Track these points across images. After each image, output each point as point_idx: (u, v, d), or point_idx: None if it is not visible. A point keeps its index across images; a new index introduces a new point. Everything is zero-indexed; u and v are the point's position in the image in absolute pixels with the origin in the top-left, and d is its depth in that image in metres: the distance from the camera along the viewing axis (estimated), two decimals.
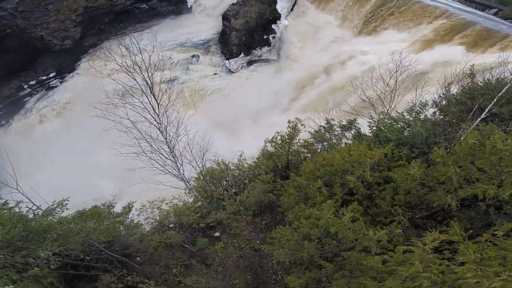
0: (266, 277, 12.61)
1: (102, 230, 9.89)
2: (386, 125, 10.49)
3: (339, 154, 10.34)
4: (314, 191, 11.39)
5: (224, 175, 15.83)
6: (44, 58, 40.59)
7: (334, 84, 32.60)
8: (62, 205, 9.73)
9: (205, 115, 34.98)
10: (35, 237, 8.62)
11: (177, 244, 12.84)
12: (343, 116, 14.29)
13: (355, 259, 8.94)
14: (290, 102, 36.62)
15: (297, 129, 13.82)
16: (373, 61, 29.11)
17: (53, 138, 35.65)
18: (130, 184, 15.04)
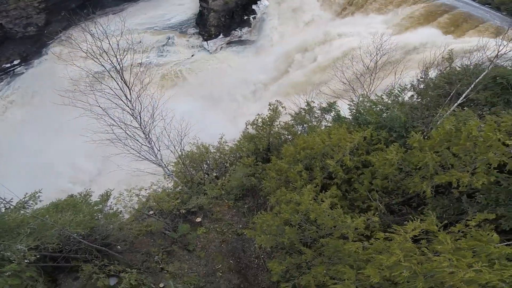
0: (248, 261, 12.76)
1: (79, 221, 9.62)
2: (366, 108, 10.43)
3: (319, 137, 10.30)
4: (295, 174, 11.39)
5: (204, 158, 15.64)
6: (7, 46, 39.71)
7: (314, 66, 32.32)
8: (35, 197, 9.45)
9: (183, 97, 34.21)
10: (8, 233, 8.36)
11: (158, 231, 12.75)
12: (323, 98, 14.18)
13: (333, 246, 9.04)
14: (269, 83, 36.20)
15: (278, 111, 13.70)
16: (354, 42, 28.92)
17: (20, 127, 34.66)
18: (106, 171, 14.61)
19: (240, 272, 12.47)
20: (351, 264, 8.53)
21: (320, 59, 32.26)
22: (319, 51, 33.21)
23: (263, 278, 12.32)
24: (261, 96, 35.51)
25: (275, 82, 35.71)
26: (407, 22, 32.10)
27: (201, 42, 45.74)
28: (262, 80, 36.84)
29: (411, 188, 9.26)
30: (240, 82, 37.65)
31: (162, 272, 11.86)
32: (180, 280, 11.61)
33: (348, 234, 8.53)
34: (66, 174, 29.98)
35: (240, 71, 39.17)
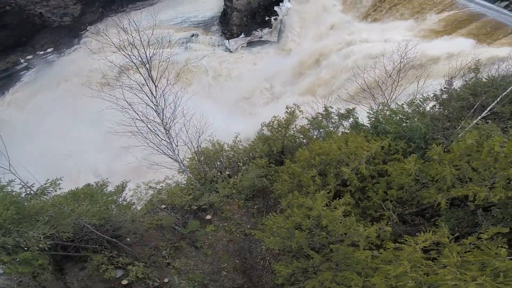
0: (254, 262, 12.76)
1: (95, 212, 9.77)
2: (386, 116, 10.28)
3: (336, 144, 10.20)
4: (308, 179, 11.34)
5: (219, 156, 15.72)
6: (43, 34, 41.35)
7: (334, 70, 31.94)
8: (55, 184, 9.60)
9: (202, 94, 34.53)
10: (27, 220, 8.53)
11: (168, 226, 12.87)
12: (342, 104, 14.04)
13: (342, 253, 9.03)
14: (286, 85, 36.05)
15: (295, 115, 13.63)
16: (376, 48, 28.45)
17: (47, 112, 35.46)
18: (124, 162, 14.95)
19: (245, 272, 12.48)
20: (359, 271, 8.56)
21: (340, 64, 31.87)
22: (339, 55, 32.79)
23: (267, 280, 12.32)
24: (277, 97, 35.39)
25: (292, 84, 35.53)
26: (433, 30, 31.11)
27: (222, 41, 46.14)
28: (280, 81, 36.73)
29: (426, 199, 9.17)
30: (257, 82, 37.64)
31: (168, 267, 11.97)
32: (184, 277, 11.69)
33: (359, 242, 8.49)
34: (84, 162, 30.64)
35: (258, 71, 39.18)
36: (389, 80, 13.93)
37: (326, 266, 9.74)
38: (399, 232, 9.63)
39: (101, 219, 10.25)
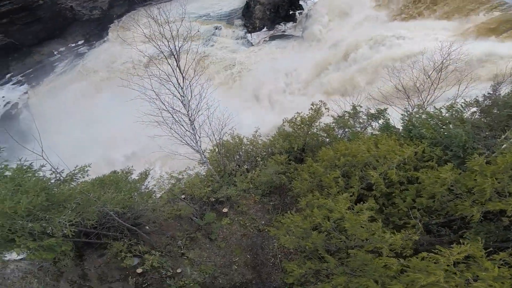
0: (265, 259, 12.53)
1: (119, 200, 9.75)
2: (422, 120, 9.66)
3: (365, 145, 9.66)
4: (330, 180, 10.90)
5: (238, 149, 15.41)
6: (74, 27, 43.76)
7: (363, 68, 30.78)
8: (84, 171, 9.63)
9: (223, 87, 34.35)
10: (55, 207, 8.49)
11: (186, 216, 12.77)
12: (371, 103, 13.40)
13: (361, 259, 8.64)
14: (309, 80, 35.14)
15: (320, 112, 13.10)
16: (411, 48, 27.13)
17: (77, 101, 37.30)
18: (148, 151, 15.11)
19: (255, 268, 12.30)
20: (376, 279, 8.27)
21: (370, 61, 30.74)
22: (370, 51, 31.57)
23: (276, 277, 12.12)
24: (300, 93, 34.66)
25: (315, 79, 34.61)
26: (479, 30, 29.04)
27: (245, 34, 45.75)
28: (302, 76, 35.89)
29: (459, 211, 8.64)
30: (279, 77, 37.00)
31: (182, 258, 11.90)
32: (197, 268, 11.57)
33: (381, 249, 8.13)
34: (110, 150, 31.63)
35: (280, 65, 38.43)
36: (427, 82, 13.15)
37: (340, 270, 9.40)
38: (421, 241, 9.28)
39: (125, 207, 10.22)
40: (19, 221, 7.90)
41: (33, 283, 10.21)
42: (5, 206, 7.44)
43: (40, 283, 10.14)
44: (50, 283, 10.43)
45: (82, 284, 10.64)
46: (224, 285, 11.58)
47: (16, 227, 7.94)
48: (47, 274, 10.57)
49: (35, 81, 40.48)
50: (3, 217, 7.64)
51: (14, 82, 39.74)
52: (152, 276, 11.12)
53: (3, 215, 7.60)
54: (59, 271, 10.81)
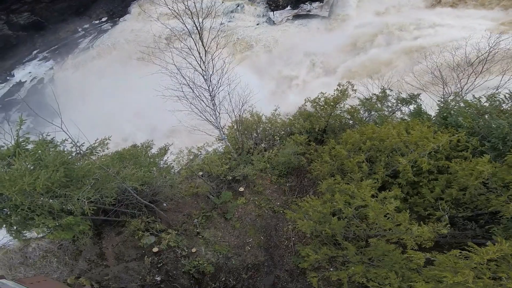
0: (278, 241, 12.38)
1: (139, 176, 9.59)
2: (460, 108, 9.04)
3: (395, 130, 9.13)
4: (353, 165, 10.50)
5: (256, 127, 15.02)
6: (98, 4, 44.93)
7: (395, 52, 29.20)
8: (104, 144, 9.49)
9: (243, 65, 33.58)
10: (74, 183, 8.35)
11: (203, 194, 12.61)
12: (402, 88, 12.70)
13: (382, 249, 8.44)
14: (334, 64, 33.76)
15: (346, 93, 12.49)
16: (449, 35, 25.53)
17: (100, 76, 37.87)
18: (168, 126, 14.98)
19: (267, 250, 12.17)
20: (396, 270, 8.15)
21: (400, 45, 29.24)
22: (401, 36, 29.93)
23: (288, 260, 12.00)
24: (321, 74, 33.55)
25: (340, 62, 33.32)
26: None
27: (267, 12, 44.29)
28: (325, 58, 34.60)
29: (490, 206, 8.23)
30: (301, 58, 35.75)
31: (197, 237, 11.86)
32: (211, 248, 11.52)
33: (406, 241, 7.85)
34: (130, 124, 32.15)
35: (303, 46, 37.02)
36: (468, 70, 12.37)
37: (357, 259, 9.20)
38: (444, 234, 8.98)
39: (144, 183, 10.05)
40: (39, 199, 7.78)
41: (53, 262, 10.38)
42: (24, 183, 7.29)
43: (60, 262, 10.28)
44: (69, 262, 10.62)
45: (99, 263, 10.75)
46: (237, 266, 11.51)
47: (35, 205, 7.82)
48: (66, 253, 10.73)
49: (60, 57, 41.88)
50: (22, 194, 7.52)
51: (40, 58, 41.18)
52: (167, 256, 11.12)
53: (22, 192, 7.48)
54: (78, 250, 11.03)
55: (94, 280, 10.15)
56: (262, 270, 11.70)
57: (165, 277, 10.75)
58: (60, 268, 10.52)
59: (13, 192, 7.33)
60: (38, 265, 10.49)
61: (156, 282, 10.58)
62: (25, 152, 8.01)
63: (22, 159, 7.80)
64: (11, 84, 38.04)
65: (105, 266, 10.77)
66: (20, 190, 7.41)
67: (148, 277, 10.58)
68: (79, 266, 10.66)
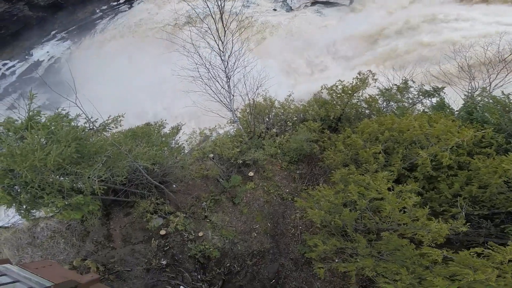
0: (285, 229, 12.29)
1: (151, 156, 9.47)
2: (487, 104, 8.72)
3: (418, 121, 8.84)
4: (369, 155, 10.26)
5: (268, 111, 14.78)
6: None
7: (417, 44, 28.28)
8: (117, 121, 9.38)
9: (259, 49, 33.07)
10: (85, 160, 8.21)
11: (213, 177, 12.47)
12: (425, 80, 12.33)
13: (395, 243, 8.22)
14: (353, 52, 32.81)
15: (366, 82, 12.14)
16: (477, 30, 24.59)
17: (117, 56, 38.42)
18: (181, 106, 14.93)
19: (274, 237, 12.09)
20: (408, 266, 7.94)
21: (425, 38, 28.32)
22: (426, 29, 28.91)
23: (293, 249, 11.94)
24: (340, 65, 32.69)
25: (360, 51, 32.33)
26: None
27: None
28: (345, 46, 33.62)
29: (510, 206, 7.99)
30: (318, 46, 34.90)
31: (204, 220, 11.78)
32: (218, 232, 11.47)
33: (423, 237, 7.63)
34: (143, 104, 32.23)
35: (321, 33, 36.16)
36: (499, 65, 11.95)
37: (367, 252, 9.00)
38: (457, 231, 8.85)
39: (155, 163, 9.94)
40: (49, 176, 7.66)
41: (60, 243, 10.37)
42: (35, 158, 7.15)
43: (67, 243, 10.26)
44: (76, 243, 10.59)
45: (106, 245, 10.73)
46: (242, 252, 11.47)
47: (45, 182, 7.71)
48: (74, 234, 10.71)
49: (78, 38, 42.99)
50: (32, 171, 7.39)
51: (58, 38, 42.33)
52: (174, 239, 11.08)
53: (32, 168, 7.35)
54: (86, 231, 11.01)
55: (100, 262, 10.15)
56: (267, 257, 11.66)
57: (171, 261, 10.73)
58: (67, 249, 10.54)
59: (23, 168, 7.22)
60: (46, 246, 10.51)
61: (161, 266, 10.56)
62: (37, 126, 7.87)
63: (35, 132, 7.65)
64: (29, 62, 39.03)
65: (111, 248, 10.75)
66: (31, 166, 7.30)
67: (154, 260, 10.57)
68: (86, 248, 10.67)
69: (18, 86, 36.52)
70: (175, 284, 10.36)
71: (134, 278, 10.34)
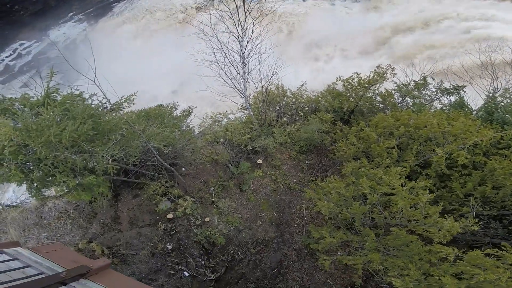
0: (290, 219, 12.29)
1: (164, 137, 9.45)
2: (509, 105, 8.54)
3: (437, 119, 8.67)
4: (382, 150, 10.15)
5: (279, 100, 14.62)
6: None
7: (436, 41, 27.57)
8: (130, 100, 9.30)
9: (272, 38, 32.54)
10: (99, 138, 8.17)
11: (222, 163, 12.42)
12: (445, 78, 12.06)
13: (404, 239, 8.19)
14: (367, 47, 32.04)
15: (384, 76, 11.91)
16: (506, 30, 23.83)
17: (131, 39, 39.07)
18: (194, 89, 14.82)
19: (278, 226, 12.12)
20: (416, 262, 7.94)
21: (444, 36, 27.64)
22: (447, 26, 28.15)
23: (298, 239, 11.93)
24: (351, 57, 32.01)
25: (374, 48, 31.59)
26: None
27: None
28: (358, 40, 32.82)
29: None
30: (333, 37, 34.10)
31: (211, 206, 11.80)
32: (224, 218, 11.49)
33: (433, 234, 7.61)
34: (157, 83, 32.47)
35: (336, 25, 35.22)
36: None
37: (374, 246, 8.96)
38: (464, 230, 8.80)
39: (168, 144, 9.91)
40: (63, 153, 7.61)
41: (67, 224, 10.35)
42: (50, 133, 7.13)
43: (74, 224, 10.24)
44: (83, 225, 10.56)
45: (113, 228, 10.72)
46: (247, 239, 11.51)
47: (58, 160, 7.67)
48: (81, 215, 10.69)
49: (94, 20, 43.28)
50: (47, 147, 7.36)
51: (75, 20, 42.65)
52: (180, 223, 11.12)
53: (47, 144, 7.32)
54: (93, 212, 10.98)
55: (105, 245, 10.17)
56: (270, 246, 11.70)
57: (177, 245, 10.79)
58: (73, 231, 10.54)
59: (38, 144, 7.19)
60: (52, 227, 10.50)
61: (167, 251, 10.60)
62: (54, 102, 7.82)
63: (51, 109, 7.60)
64: (45, 43, 39.50)
65: (118, 231, 10.79)
66: (46, 141, 7.27)
67: (159, 244, 10.63)
68: (92, 230, 10.69)
69: (33, 65, 36.91)
70: (179, 270, 10.40)
71: (139, 262, 10.40)
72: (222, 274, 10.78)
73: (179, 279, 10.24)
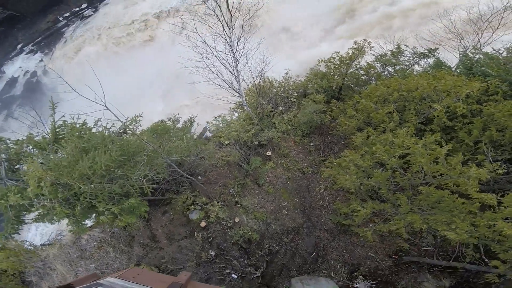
0: (313, 201, 12.72)
1: (183, 148, 9.45)
2: (483, 59, 9.43)
3: (426, 80, 9.39)
4: (383, 116, 10.75)
5: (269, 91, 14.94)
6: None
7: (401, 9, 28.49)
8: (136, 121, 9.27)
9: None
10: (126, 162, 8.11)
11: (234, 163, 12.60)
12: (417, 44, 12.90)
13: (435, 195, 8.33)
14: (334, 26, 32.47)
15: (363, 51, 12.56)
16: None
17: (95, 61, 36.53)
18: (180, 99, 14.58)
19: (304, 211, 12.49)
20: (458, 215, 8.09)
21: (408, 3, 28.66)
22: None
23: (326, 220, 12.30)
24: (323, 36, 32.21)
25: (342, 22, 31.99)
26: None
27: None
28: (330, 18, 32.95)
29: None
30: (299, 17, 34.13)
31: (236, 206, 12.09)
32: (251, 215, 11.81)
33: (468, 185, 7.67)
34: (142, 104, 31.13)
35: (303, 6, 35.39)
36: (483, 25, 12.79)
37: (405, 210, 9.06)
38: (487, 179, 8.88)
39: (188, 155, 9.91)
40: (99, 183, 7.54)
41: (110, 252, 10.16)
42: (84, 166, 7.05)
43: (116, 251, 10.06)
44: (125, 249, 10.45)
45: (154, 246, 10.73)
46: (277, 230, 11.85)
47: (97, 190, 7.61)
48: (120, 241, 10.54)
49: (48, 48, 40.54)
50: (82, 180, 7.27)
51: (27, 51, 40.01)
52: (214, 229, 11.36)
53: (81, 177, 7.24)
54: (130, 236, 10.98)
55: (153, 264, 10.23)
56: (302, 232, 12.10)
57: (218, 251, 11.07)
58: (118, 257, 10.55)
59: (73, 179, 7.05)
60: (96, 257, 10.35)
61: (211, 258, 10.84)
62: (72, 135, 7.65)
63: (72, 142, 7.43)
64: (4, 81, 37.15)
65: (159, 249, 10.88)
66: (80, 175, 7.13)
67: (203, 253, 10.84)
68: (135, 252, 10.76)
69: (1, 106, 34.58)
70: (227, 274, 10.58)
71: None
72: (265, 269, 11.14)
73: (230, 282, 10.51)
